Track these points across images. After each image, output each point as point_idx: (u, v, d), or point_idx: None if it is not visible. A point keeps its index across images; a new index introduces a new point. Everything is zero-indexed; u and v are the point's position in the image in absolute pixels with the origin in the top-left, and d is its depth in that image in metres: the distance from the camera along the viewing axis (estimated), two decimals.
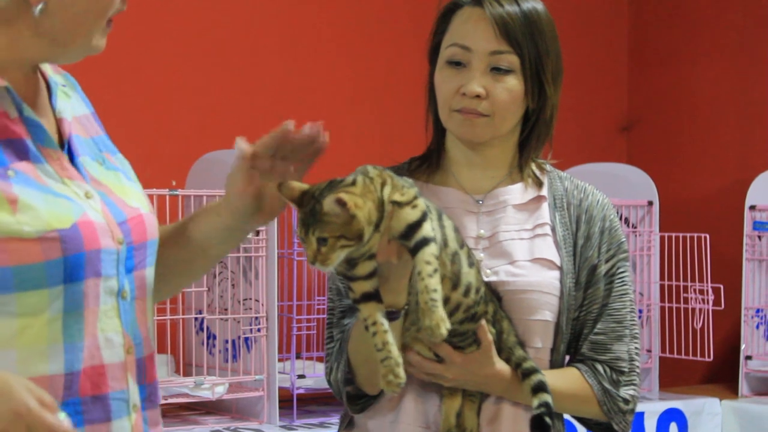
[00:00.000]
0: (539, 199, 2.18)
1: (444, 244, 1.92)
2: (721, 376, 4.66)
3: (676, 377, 4.63)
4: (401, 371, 1.84)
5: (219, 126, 4.24)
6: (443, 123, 2.16)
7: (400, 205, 1.82)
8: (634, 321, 2.19)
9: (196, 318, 3.78)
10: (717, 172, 4.92)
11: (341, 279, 1.89)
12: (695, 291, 4.31)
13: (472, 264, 1.99)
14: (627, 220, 4.32)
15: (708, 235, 4.30)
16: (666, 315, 4.37)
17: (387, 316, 1.86)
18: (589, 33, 5.10)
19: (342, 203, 1.74)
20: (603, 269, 2.16)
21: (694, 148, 5.01)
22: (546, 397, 2.02)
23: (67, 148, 1.72)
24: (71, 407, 1.61)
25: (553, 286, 2.12)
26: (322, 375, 3.60)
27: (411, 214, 1.83)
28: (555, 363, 2.15)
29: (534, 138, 2.19)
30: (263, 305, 3.60)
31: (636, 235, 4.31)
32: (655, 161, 4.99)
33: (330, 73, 4.50)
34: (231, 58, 4.31)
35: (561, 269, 2.13)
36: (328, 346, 2.16)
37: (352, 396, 2.12)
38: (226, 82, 4.29)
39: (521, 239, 2.14)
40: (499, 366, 2.04)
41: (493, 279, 2.09)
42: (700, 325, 4.29)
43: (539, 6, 2.14)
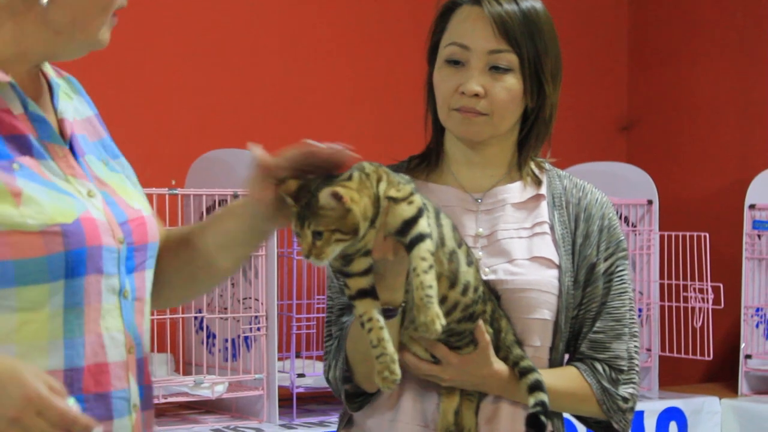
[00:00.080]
0: (538, 198, 2.18)
1: (441, 242, 1.91)
2: (721, 375, 4.66)
3: (675, 376, 4.62)
4: (397, 368, 1.83)
5: (218, 125, 4.24)
6: (442, 122, 2.16)
7: (396, 201, 1.81)
8: (633, 319, 2.18)
9: (195, 317, 3.77)
10: (717, 171, 4.92)
11: (337, 275, 1.89)
12: (695, 290, 4.31)
13: (470, 263, 1.99)
14: (627, 219, 4.32)
15: (708, 234, 4.29)
16: (666, 314, 4.36)
17: (384, 313, 1.85)
18: (589, 32, 5.10)
19: (338, 197, 1.74)
20: (602, 268, 2.16)
21: (693, 147, 5.01)
22: (542, 396, 2.02)
23: (70, 147, 1.72)
24: None
25: (552, 284, 2.11)
26: (321, 374, 3.59)
27: (407, 210, 1.82)
28: (554, 362, 2.14)
29: (533, 137, 2.19)
30: (263, 304, 3.60)
31: (636, 234, 4.30)
32: (655, 160, 4.98)
33: (329, 72, 4.50)
34: (231, 57, 4.31)
35: (560, 268, 2.13)
36: (326, 343, 2.16)
37: (350, 394, 2.12)
38: (225, 81, 4.29)
39: (520, 238, 2.14)
40: (497, 366, 2.04)
41: (492, 278, 2.08)
42: (699, 324, 4.28)
43: (538, 5, 2.13)
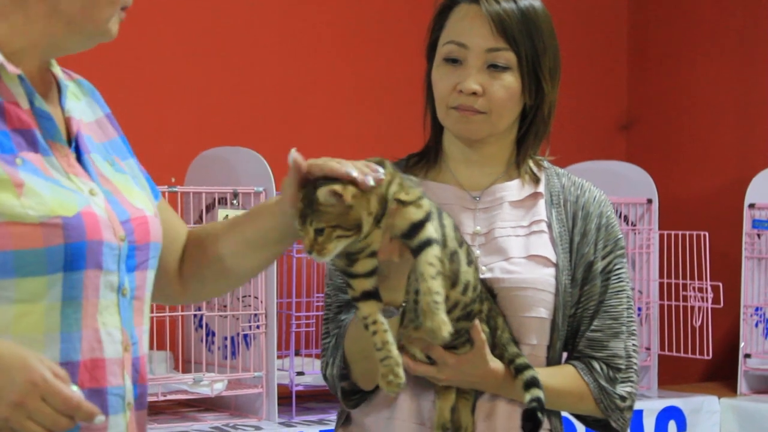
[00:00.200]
0: (536, 196, 2.18)
1: (443, 243, 1.90)
2: (720, 374, 4.65)
3: (675, 375, 4.62)
4: (401, 371, 1.83)
5: (218, 123, 4.25)
6: (440, 120, 2.16)
7: (404, 204, 1.81)
8: (631, 318, 2.18)
9: (195, 315, 3.77)
10: (716, 170, 4.92)
11: (342, 276, 1.89)
12: (694, 289, 4.30)
13: (470, 262, 1.98)
14: (626, 218, 4.32)
15: (707, 233, 4.29)
16: (665, 313, 4.36)
17: (383, 313, 1.85)
18: (589, 31, 5.09)
19: (337, 194, 1.74)
20: (599, 266, 2.16)
21: (693, 146, 5.00)
22: (538, 393, 2.02)
23: (75, 146, 1.73)
24: None
25: (548, 283, 2.11)
26: (320, 372, 3.60)
27: (415, 213, 1.81)
28: (551, 360, 2.14)
29: (531, 135, 2.19)
30: (262, 302, 3.60)
31: (635, 233, 4.30)
32: (655, 159, 4.98)
33: (329, 70, 4.50)
34: (231, 55, 4.31)
35: (557, 266, 2.13)
36: (324, 341, 2.16)
37: (347, 391, 2.12)
38: (225, 79, 4.29)
39: (517, 236, 2.14)
40: (493, 365, 2.04)
41: (488, 276, 2.08)
42: (699, 323, 4.28)
43: (536, 3, 2.13)
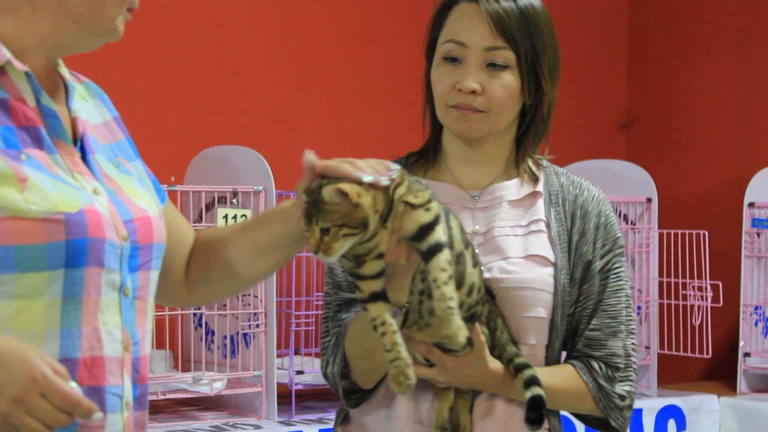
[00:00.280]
0: (535, 195, 2.18)
1: (450, 244, 1.90)
2: (720, 373, 4.66)
3: (674, 374, 4.62)
4: (412, 372, 1.83)
5: (218, 122, 4.25)
6: (440, 119, 2.16)
7: (413, 207, 1.81)
8: (630, 317, 2.18)
9: (194, 313, 3.77)
10: (716, 169, 4.92)
11: (350, 278, 1.88)
12: (694, 288, 4.30)
13: (476, 264, 1.98)
14: (626, 217, 4.32)
15: (707, 232, 4.29)
16: (665, 312, 4.36)
17: None
18: (589, 30, 5.09)
19: (343, 193, 1.74)
20: (598, 265, 2.15)
21: (693, 145, 5.00)
22: (538, 390, 2.02)
23: (80, 146, 1.73)
24: None
25: (547, 282, 2.11)
26: (320, 371, 3.60)
27: (424, 216, 1.81)
28: (550, 360, 2.14)
29: (531, 134, 2.18)
30: (262, 301, 3.60)
31: (635, 232, 4.30)
32: (654, 158, 4.98)
33: (329, 69, 4.50)
34: (230, 54, 4.31)
35: (555, 265, 2.12)
36: (324, 339, 2.16)
37: (347, 390, 2.12)
38: (225, 78, 4.29)
39: (515, 236, 2.13)
40: (492, 365, 2.03)
41: (487, 276, 2.07)
42: (698, 322, 4.28)
43: (536, 2, 2.13)
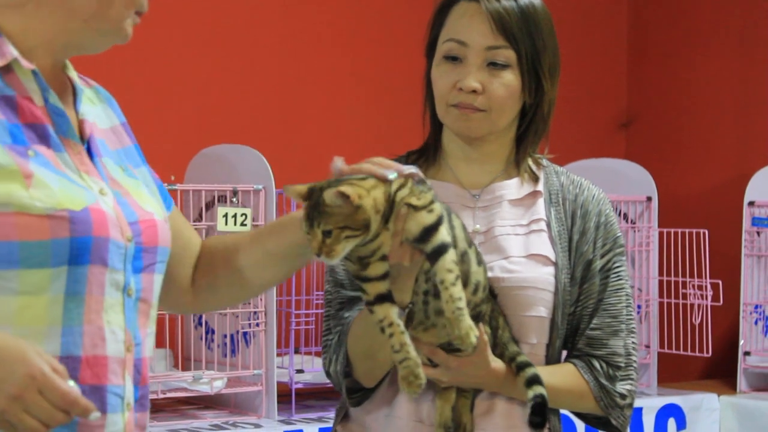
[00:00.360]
0: (535, 195, 2.18)
1: (454, 244, 1.90)
2: (720, 371, 4.66)
3: (674, 373, 4.63)
4: (421, 372, 1.83)
5: (218, 121, 4.25)
6: (440, 118, 2.16)
7: (416, 209, 1.81)
8: (630, 316, 2.18)
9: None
10: (716, 168, 4.92)
11: (355, 280, 1.88)
12: (694, 287, 4.31)
13: (480, 263, 1.99)
14: (626, 215, 4.32)
15: (707, 231, 4.29)
16: (665, 311, 4.36)
17: None
18: (589, 29, 5.09)
19: (344, 196, 1.74)
20: (598, 264, 2.16)
21: (693, 144, 5.00)
22: (541, 390, 2.02)
23: (87, 147, 1.73)
24: None
25: (548, 282, 2.11)
26: (320, 370, 3.58)
27: (427, 217, 1.81)
28: (551, 359, 2.14)
29: (531, 133, 2.18)
30: (262, 300, 3.60)
31: (635, 231, 4.30)
32: (654, 157, 4.98)
33: (329, 69, 4.50)
34: (230, 54, 4.31)
35: (556, 265, 2.12)
36: (325, 337, 2.16)
37: (349, 388, 2.12)
38: (225, 77, 4.29)
39: (516, 235, 2.13)
40: (494, 365, 2.03)
41: (488, 275, 2.06)
42: (698, 321, 4.28)
43: (536, 1, 2.13)
